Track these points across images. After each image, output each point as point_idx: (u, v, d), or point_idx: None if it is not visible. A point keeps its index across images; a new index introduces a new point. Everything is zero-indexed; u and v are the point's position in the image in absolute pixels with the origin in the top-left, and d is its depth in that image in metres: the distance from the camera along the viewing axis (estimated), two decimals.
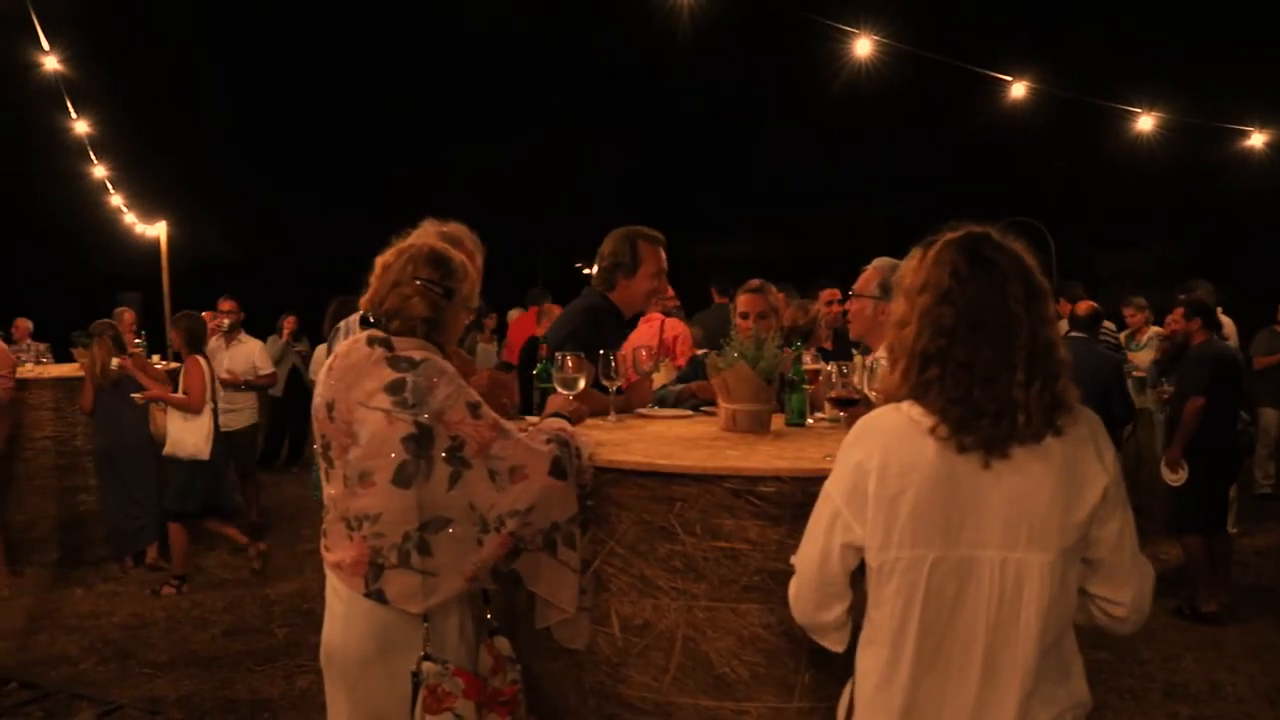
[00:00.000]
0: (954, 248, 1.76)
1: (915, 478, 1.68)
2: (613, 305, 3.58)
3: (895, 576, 1.69)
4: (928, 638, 1.69)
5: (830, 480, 1.81)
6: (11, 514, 6.86)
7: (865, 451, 1.74)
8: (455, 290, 2.32)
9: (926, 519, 1.67)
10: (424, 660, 2.14)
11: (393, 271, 2.30)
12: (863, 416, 1.82)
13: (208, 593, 6.21)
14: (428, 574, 2.14)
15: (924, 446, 1.68)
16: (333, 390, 2.25)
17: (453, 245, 2.59)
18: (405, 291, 2.27)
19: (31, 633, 5.52)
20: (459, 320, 2.37)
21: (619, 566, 2.30)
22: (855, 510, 1.73)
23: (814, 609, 1.85)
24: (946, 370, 1.68)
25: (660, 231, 3.66)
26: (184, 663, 4.98)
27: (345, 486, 2.21)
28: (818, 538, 1.80)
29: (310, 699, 4.46)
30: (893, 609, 1.70)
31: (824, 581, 1.81)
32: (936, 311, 1.72)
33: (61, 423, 7.04)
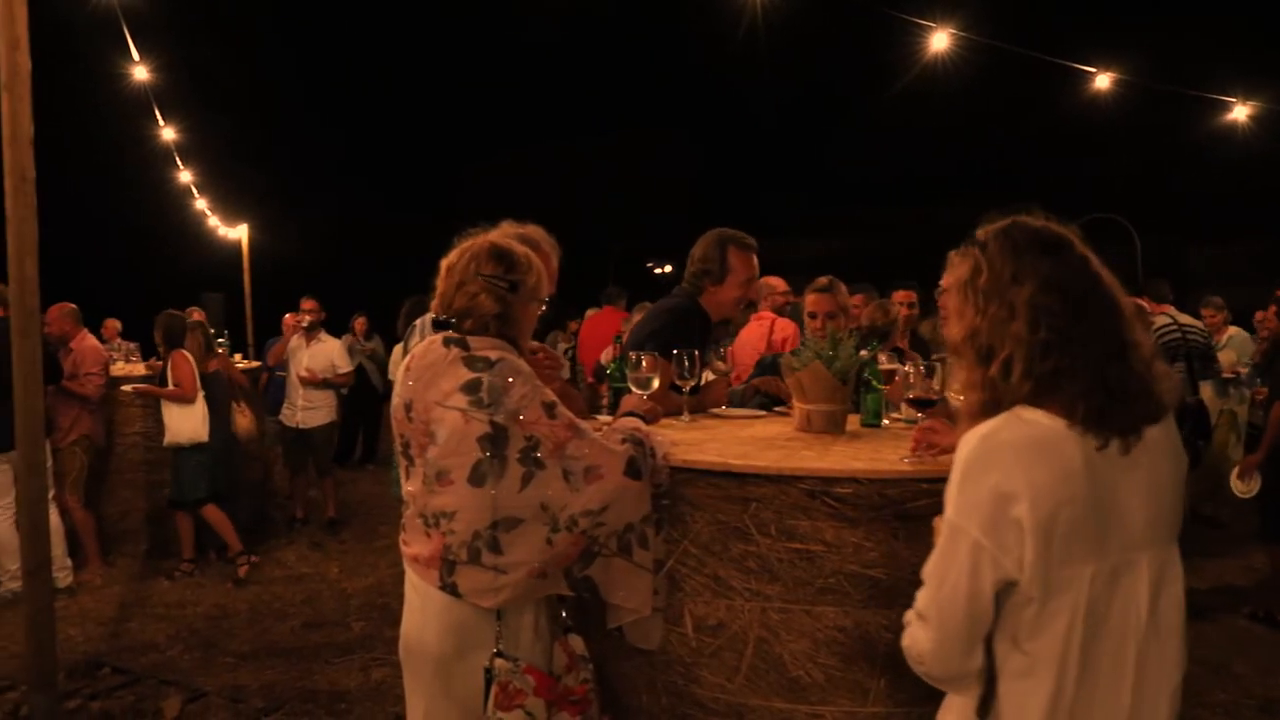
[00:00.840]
0: (1020, 232, 1.68)
1: (1068, 490, 1.53)
2: (699, 308, 3.55)
3: (1054, 599, 1.54)
4: (1088, 656, 1.57)
5: (956, 511, 1.59)
6: (104, 506, 7.11)
7: (1002, 472, 1.54)
8: (520, 282, 2.33)
9: (1082, 530, 1.53)
10: (496, 657, 2.16)
11: (457, 271, 2.32)
12: (973, 433, 1.61)
13: (287, 586, 6.35)
14: (498, 571, 2.16)
15: (1067, 451, 1.54)
16: (410, 390, 2.28)
17: (530, 247, 2.61)
18: (471, 289, 2.29)
19: (122, 620, 5.71)
20: (529, 312, 2.38)
21: (693, 567, 2.28)
22: (999, 541, 1.54)
23: (962, 658, 1.63)
24: (1068, 359, 1.57)
25: (751, 237, 3.60)
26: (264, 653, 5.10)
27: (424, 484, 2.24)
28: (960, 579, 1.58)
29: (385, 691, 4.53)
30: (1053, 634, 1.56)
31: (973, 626, 1.60)
32: (1042, 300, 1.60)
33: (150, 419, 7.26)
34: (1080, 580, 1.54)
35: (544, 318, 2.52)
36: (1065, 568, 1.54)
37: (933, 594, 1.63)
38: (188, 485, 6.57)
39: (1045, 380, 1.58)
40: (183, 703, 4.37)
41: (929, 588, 1.64)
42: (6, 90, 4.14)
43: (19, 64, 4.15)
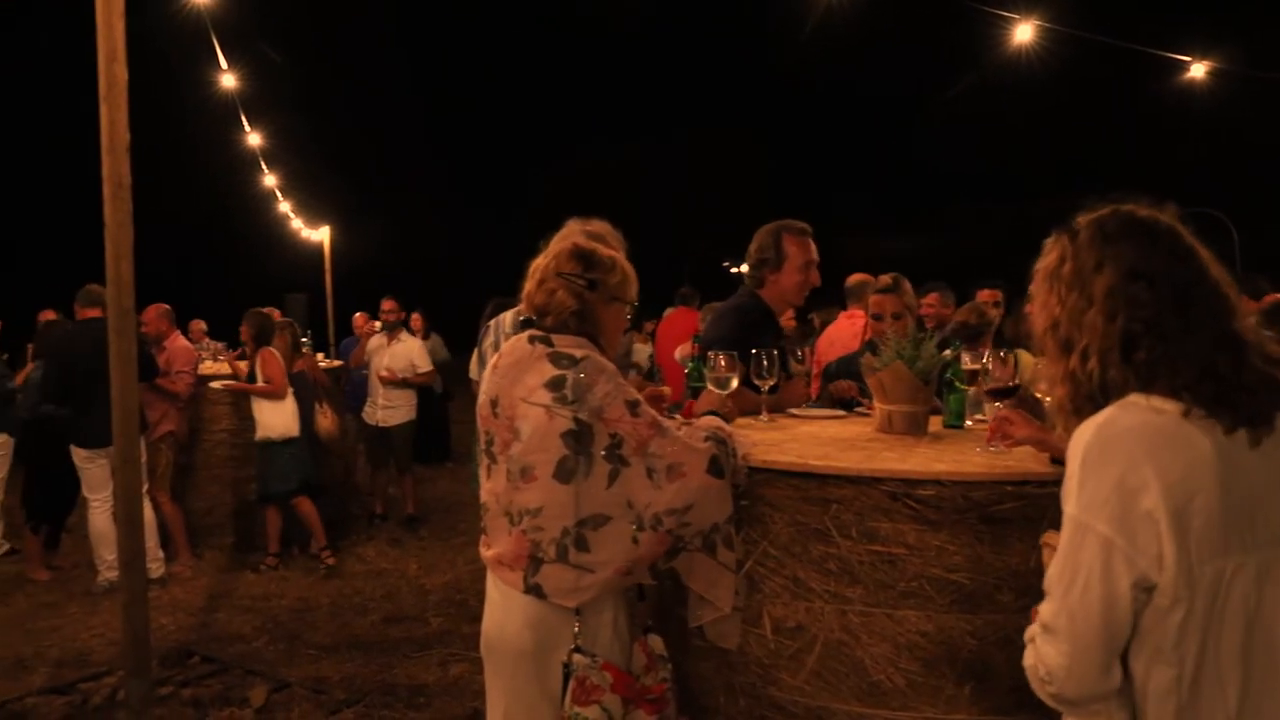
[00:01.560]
0: (1113, 220, 1.60)
1: (1200, 478, 1.40)
2: (762, 304, 3.56)
3: (1200, 600, 1.41)
4: (1249, 663, 1.43)
5: (1081, 507, 1.45)
6: (193, 500, 7.34)
7: (1127, 462, 1.42)
8: (600, 282, 2.34)
9: (1223, 521, 1.40)
10: (575, 652, 2.17)
11: (540, 270, 2.37)
12: (1089, 423, 1.49)
13: (367, 581, 6.47)
14: (584, 569, 2.17)
15: (1192, 437, 1.42)
16: (497, 387, 2.31)
17: (595, 240, 2.63)
18: (551, 286, 2.33)
19: (210, 610, 5.88)
20: (612, 314, 2.39)
21: (772, 568, 2.27)
22: (1131, 537, 1.41)
23: (1100, 674, 1.47)
24: (1163, 349, 1.48)
25: (806, 224, 3.61)
26: (346, 646, 5.21)
27: (508, 481, 2.26)
28: (1092, 582, 1.43)
29: (463, 686, 4.59)
30: (1210, 640, 1.43)
31: (1110, 635, 1.44)
32: (1126, 288, 1.52)
33: (235, 416, 7.47)
34: (1227, 577, 1.41)
35: None
36: (1209, 564, 1.40)
37: (1060, 602, 1.48)
38: (278, 478, 6.72)
39: (1142, 372, 1.49)
40: (268, 692, 4.48)
41: (1054, 596, 1.49)
42: (105, 101, 4.29)
43: (116, 75, 4.30)
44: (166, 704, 4.37)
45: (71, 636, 5.45)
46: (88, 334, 6.06)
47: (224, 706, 4.36)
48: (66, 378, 6.15)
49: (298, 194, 13.86)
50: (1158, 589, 1.42)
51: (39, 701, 4.44)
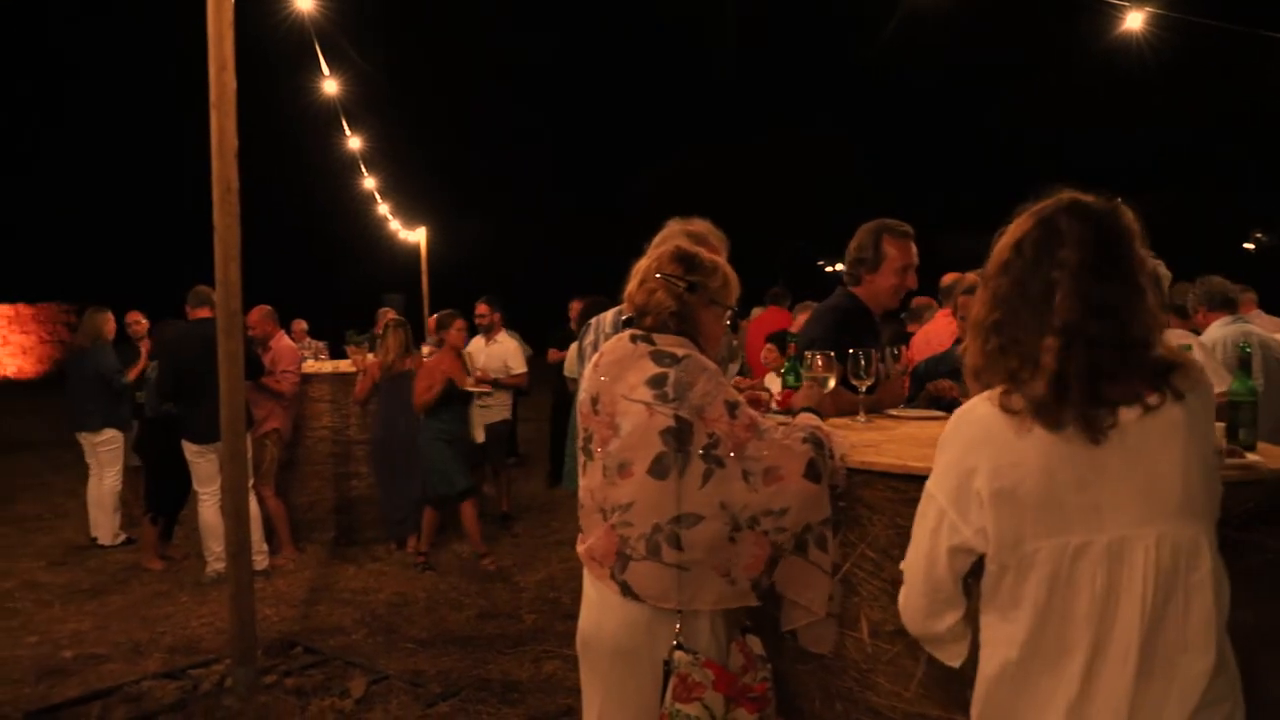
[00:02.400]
0: (1030, 215, 1.69)
1: (1024, 466, 1.57)
2: (860, 304, 3.52)
3: (1032, 572, 1.59)
4: (1060, 629, 1.58)
5: (931, 479, 1.72)
6: (295, 495, 7.56)
7: (964, 447, 1.65)
8: (701, 285, 2.35)
9: (1047, 505, 1.56)
10: (676, 649, 2.17)
11: (641, 271, 2.41)
12: (957, 410, 1.72)
13: (462, 578, 6.58)
14: (681, 569, 2.16)
15: (1020, 431, 1.59)
16: (597, 384, 2.34)
17: (698, 241, 2.63)
18: (651, 286, 2.36)
19: (312, 603, 6.06)
20: (712, 317, 2.40)
21: (870, 571, 2.23)
22: (961, 510, 1.64)
23: (924, 618, 1.77)
24: (1006, 340, 1.63)
25: (909, 225, 3.54)
26: (442, 641, 5.30)
27: (604, 477, 2.28)
28: (922, 540, 1.72)
29: (556, 683, 4.63)
30: (1032, 605, 1.60)
31: (930, 587, 1.73)
32: (996, 282, 1.67)
33: (337, 414, 7.68)
34: (1048, 553, 1.57)
35: None
36: (1045, 540, 1.57)
37: (907, 553, 1.78)
38: (457, 478, 6.84)
39: (993, 360, 1.65)
40: (367, 684, 4.59)
41: (909, 548, 1.77)
42: (215, 108, 4.45)
43: (226, 84, 4.46)
44: (270, 692, 4.50)
45: (183, 624, 5.68)
46: (198, 334, 6.30)
47: (325, 696, 4.47)
48: (178, 376, 6.40)
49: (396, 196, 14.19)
50: (988, 556, 1.64)
51: (154, 685, 4.63)
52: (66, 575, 6.84)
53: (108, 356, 7.51)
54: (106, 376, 7.41)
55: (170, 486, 6.99)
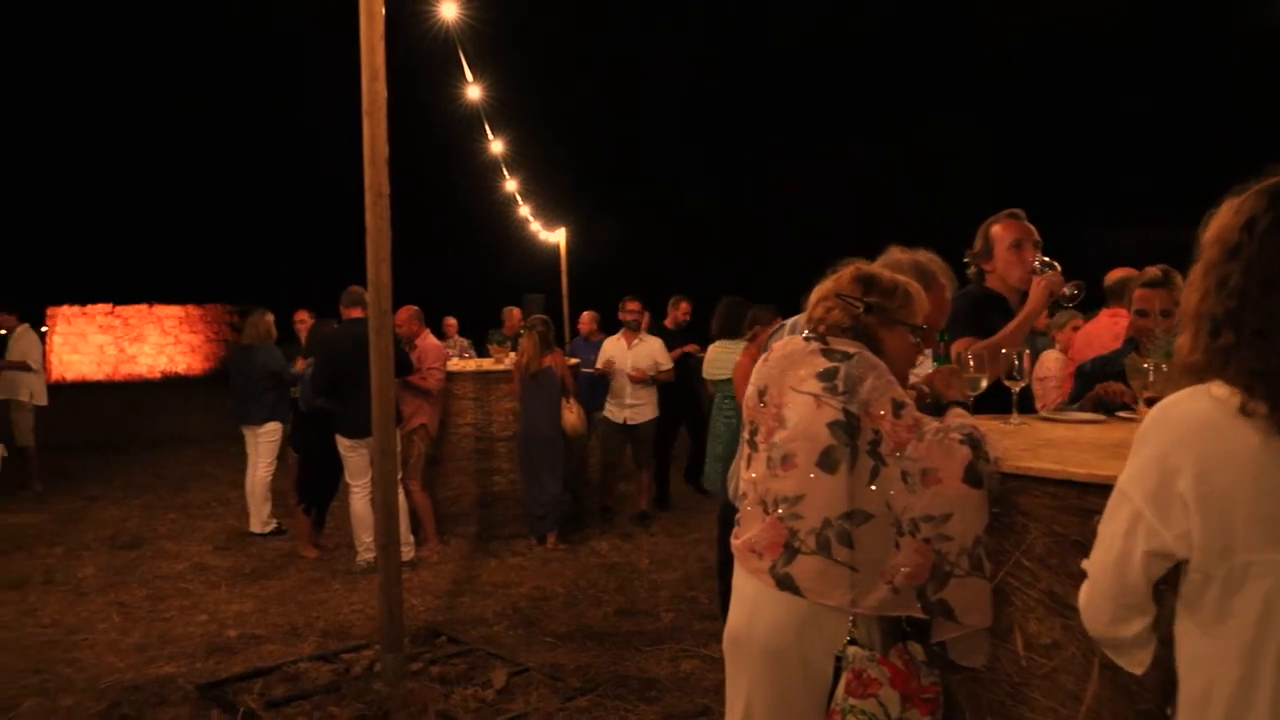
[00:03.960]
0: (1258, 195, 1.51)
1: (1236, 471, 1.43)
2: (990, 291, 3.56)
3: (1247, 584, 1.45)
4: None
5: (1125, 476, 1.58)
6: (440, 490, 7.81)
7: (1169, 444, 1.50)
8: (881, 307, 2.35)
9: (1260, 518, 1.42)
10: (850, 644, 2.14)
11: (819, 291, 2.44)
12: (1159, 403, 1.58)
13: (601, 574, 6.66)
14: (852, 568, 2.13)
15: (1239, 431, 1.44)
16: (766, 377, 2.36)
17: (919, 275, 2.61)
18: (828, 304, 2.38)
19: (455, 595, 6.23)
20: (895, 336, 2.38)
21: (1025, 580, 2.13)
22: (1161, 513, 1.50)
23: (1109, 623, 1.63)
24: (1238, 336, 1.46)
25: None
26: (580, 636, 5.37)
27: (767, 469, 2.28)
28: (1114, 542, 1.58)
29: (694, 682, 4.63)
30: (1244, 621, 1.45)
31: (1119, 592, 1.59)
32: (1224, 269, 1.50)
33: (480, 411, 7.89)
34: (1266, 568, 1.43)
35: None
36: (1249, 553, 1.44)
37: (1093, 553, 1.65)
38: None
39: (1218, 356, 1.49)
40: (508, 675, 4.69)
41: (1094, 547, 1.65)
42: (367, 116, 4.63)
43: (377, 92, 4.63)
44: (417, 679, 4.65)
45: (335, 610, 5.93)
46: (351, 333, 6.57)
47: (468, 685, 4.59)
48: (332, 373, 6.69)
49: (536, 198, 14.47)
50: (1191, 564, 1.50)
51: (309, 667, 4.85)
52: (230, 560, 7.24)
53: (273, 354, 7.93)
54: (276, 371, 7.82)
55: (322, 478, 7.33)
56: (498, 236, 18.88)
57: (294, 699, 4.46)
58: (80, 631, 5.60)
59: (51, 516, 8.95)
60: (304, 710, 4.35)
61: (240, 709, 4.32)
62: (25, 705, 4.48)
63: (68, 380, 30.79)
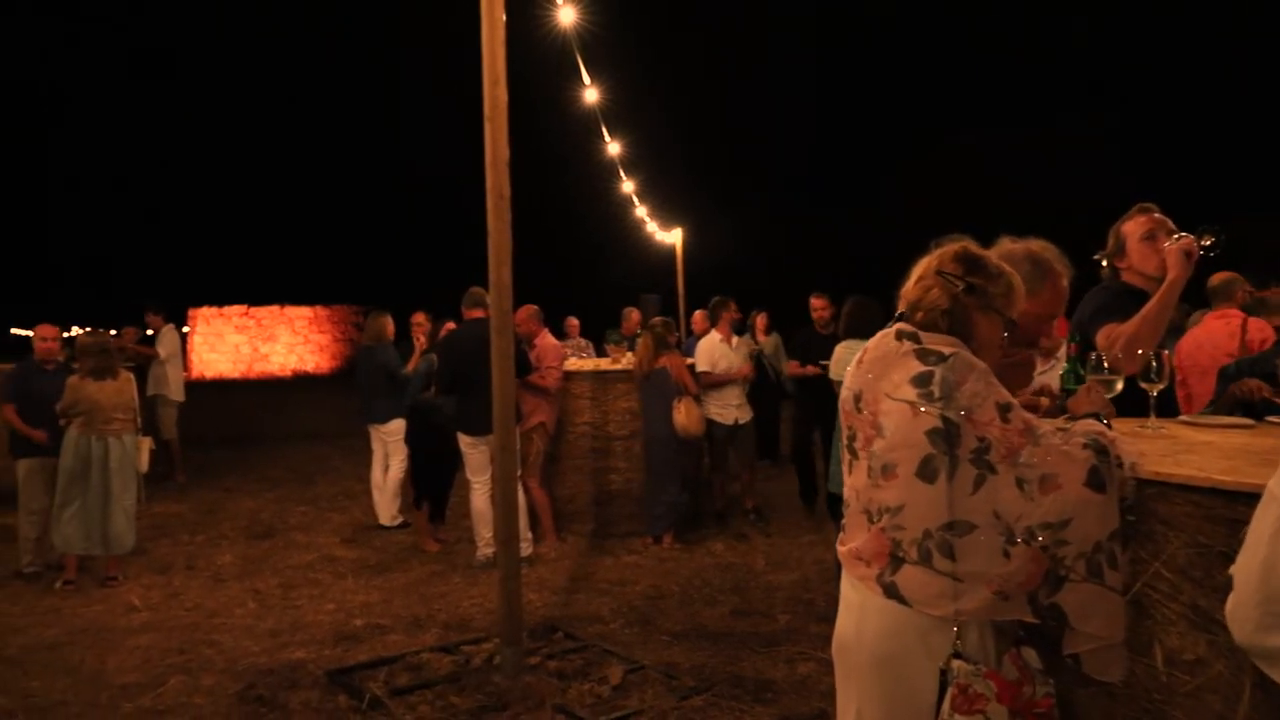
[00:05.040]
0: None
1: None
2: (1128, 285, 3.45)
3: None
4: None
5: (1277, 479, 1.52)
6: (557, 488, 7.92)
7: None
8: (981, 289, 2.24)
9: None
10: (954, 658, 2.07)
11: (920, 267, 2.33)
12: None
13: (716, 573, 6.65)
14: (954, 578, 2.07)
15: None
16: (860, 382, 2.28)
17: (1034, 264, 2.53)
18: (926, 284, 2.28)
19: (571, 591, 6.31)
20: (988, 324, 2.27)
21: (1166, 593, 2.03)
22: None
23: (1254, 630, 1.56)
24: None
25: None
26: (695, 635, 5.37)
27: (869, 478, 2.22)
28: (1259, 546, 1.52)
29: (810, 686, 4.58)
30: None
31: (1264, 598, 1.52)
32: None
33: (597, 410, 7.97)
34: None
35: None
36: None
37: (1239, 557, 1.59)
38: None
39: None
40: (624, 673, 4.72)
41: (1240, 551, 1.59)
42: (489, 121, 4.73)
43: (498, 98, 4.73)
44: (534, 673, 4.73)
45: (455, 603, 6.07)
46: (472, 333, 6.72)
47: (584, 681, 4.64)
48: (454, 373, 6.86)
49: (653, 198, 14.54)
50: None
51: (431, 657, 4.99)
52: (357, 552, 7.50)
53: (390, 354, 8.18)
54: (391, 371, 8.06)
55: (434, 472, 7.53)
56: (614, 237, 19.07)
57: (417, 688, 4.59)
58: (219, 615, 5.89)
59: (193, 506, 9.44)
60: (426, 699, 4.48)
61: (366, 695, 4.46)
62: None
63: (206, 378, 32.39)
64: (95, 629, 5.65)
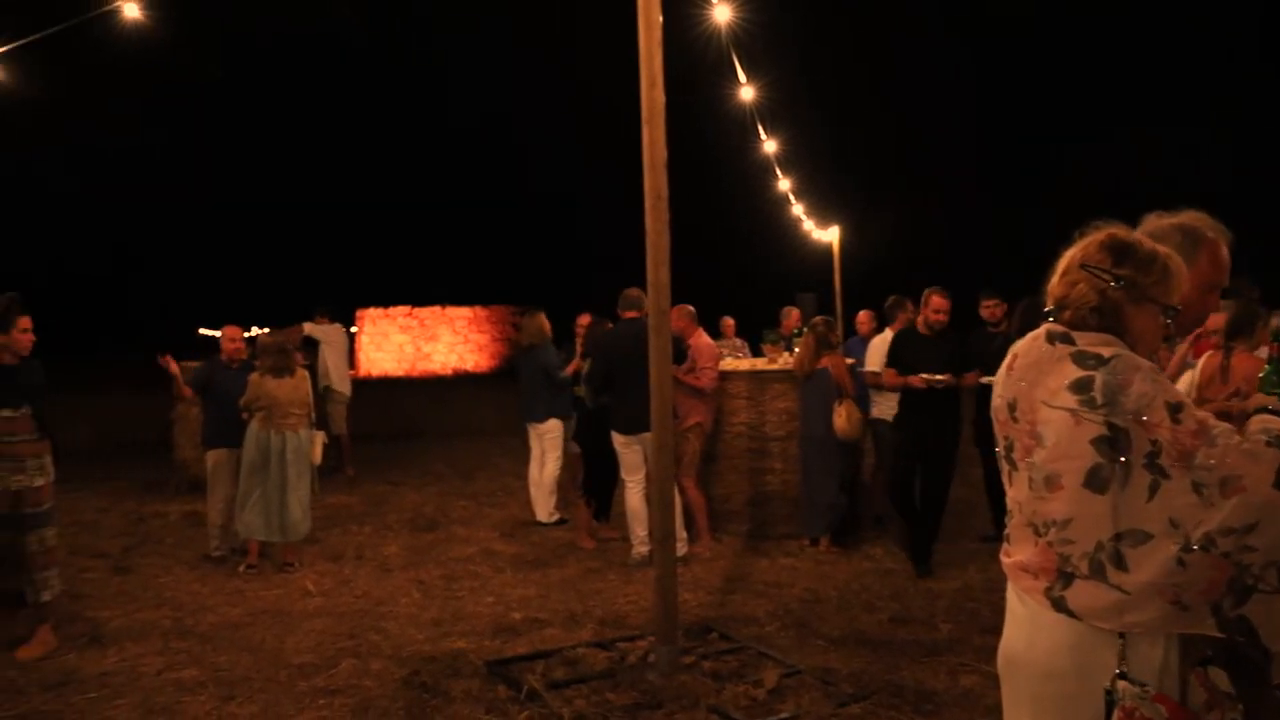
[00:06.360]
0: None
1: None
2: None
3: None
4: None
5: None
6: (713, 487, 7.91)
7: None
8: (1133, 280, 2.07)
9: None
10: (1120, 679, 1.94)
11: (1065, 260, 2.16)
12: None
13: (875, 579, 6.49)
14: (1123, 591, 1.94)
15: None
16: (1014, 389, 2.15)
17: (1188, 236, 2.35)
18: (1072, 278, 2.12)
19: (727, 592, 6.28)
20: (1144, 316, 2.09)
21: None
22: None
23: None
24: None
25: None
26: (853, 641, 5.25)
27: (1030, 490, 2.10)
28: None
29: (974, 699, 4.40)
30: None
31: None
32: None
33: (754, 410, 7.92)
34: None
35: None
36: None
37: None
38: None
39: None
40: (779, 676, 4.65)
41: None
42: (646, 123, 4.75)
43: (655, 100, 4.74)
44: (689, 672, 4.72)
45: (611, 600, 6.14)
46: (627, 333, 6.79)
47: (739, 682, 4.60)
48: (608, 372, 6.94)
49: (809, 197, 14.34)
50: None
51: (587, 653, 5.05)
52: (515, 547, 7.68)
53: (548, 354, 8.34)
54: (549, 371, 8.22)
55: (604, 473, 7.62)
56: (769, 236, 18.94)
57: (573, 682, 4.65)
58: (386, 604, 6.13)
59: (361, 498, 9.89)
60: (582, 694, 4.53)
61: (524, 687, 4.55)
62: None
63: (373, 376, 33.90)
64: (274, 611, 5.99)
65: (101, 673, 4.92)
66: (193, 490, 9.19)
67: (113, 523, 8.79)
